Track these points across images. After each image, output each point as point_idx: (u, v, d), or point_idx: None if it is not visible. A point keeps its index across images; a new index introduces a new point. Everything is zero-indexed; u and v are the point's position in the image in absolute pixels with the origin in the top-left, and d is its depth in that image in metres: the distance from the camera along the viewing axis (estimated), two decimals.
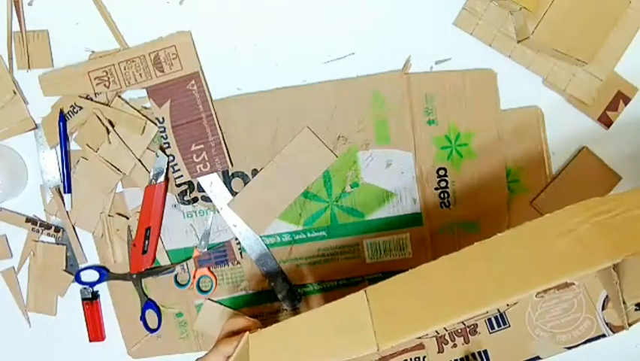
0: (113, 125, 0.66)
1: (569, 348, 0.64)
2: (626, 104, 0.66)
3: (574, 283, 0.62)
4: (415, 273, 0.45)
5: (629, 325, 0.57)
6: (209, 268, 0.69)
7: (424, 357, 0.65)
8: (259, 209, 0.67)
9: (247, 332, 0.48)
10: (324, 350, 0.45)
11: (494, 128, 0.66)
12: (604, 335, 0.63)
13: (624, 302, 0.54)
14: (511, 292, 0.41)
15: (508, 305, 0.62)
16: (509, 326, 0.65)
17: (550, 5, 0.59)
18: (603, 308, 0.62)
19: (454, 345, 0.65)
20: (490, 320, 0.64)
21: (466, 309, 0.42)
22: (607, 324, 0.62)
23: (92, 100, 0.66)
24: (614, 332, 0.62)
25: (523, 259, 0.43)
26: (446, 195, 0.68)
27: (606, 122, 0.66)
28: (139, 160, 0.67)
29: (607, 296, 0.62)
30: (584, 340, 0.64)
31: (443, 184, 0.67)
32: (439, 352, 0.65)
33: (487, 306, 0.41)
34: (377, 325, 0.44)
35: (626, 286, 0.53)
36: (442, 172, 0.67)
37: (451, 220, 0.68)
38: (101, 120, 0.66)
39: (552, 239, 0.42)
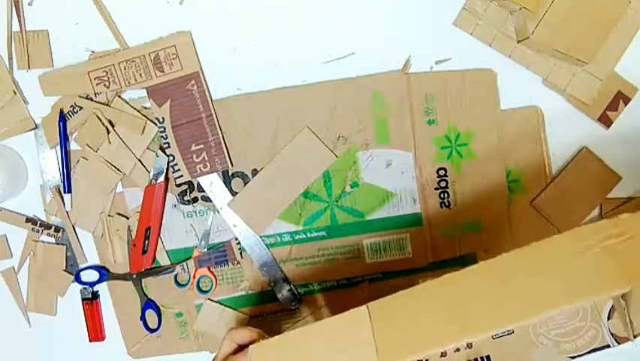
0: (113, 125, 0.66)
1: (573, 358, 0.63)
2: (626, 104, 0.66)
3: None
4: (418, 290, 0.44)
5: (635, 337, 0.56)
6: (209, 268, 0.69)
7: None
8: (259, 209, 0.67)
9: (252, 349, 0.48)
10: None
11: (494, 128, 0.66)
12: (608, 346, 0.62)
13: (631, 322, 0.53)
14: (515, 317, 0.40)
15: None
16: (513, 332, 0.64)
17: (550, 5, 0.59)
18: (609, 318, 0.62)
19: (457, 349, 0.65)
20: None
21: (470, 332, 0.41)
22: (612, 335, 0.62)
23: (92, 100, 0.66)
24: (618, 343, 0.61)
25: (528, 282, 0.42)
26: (446, 195, 0.68)
27: (606, 122, 0.66)
28: (139, 160, 0.67)
29: (613, 306, 0.61)
30: (588, 350, 0.63)
31: (443, 184, 0.67)
32: (441, 356, 0.65)
33: (490, 330, 0.40)
34: (379, 343, 0.43)
35: (634, 310, 0.52)
36: (442, 172, 0.67)
37: (451, 220, 0.68)
38: (101, 120, 0.66)
39: (559, 262, 0.41)
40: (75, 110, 0.66)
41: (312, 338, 0.46)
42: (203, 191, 0.68)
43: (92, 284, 0.70)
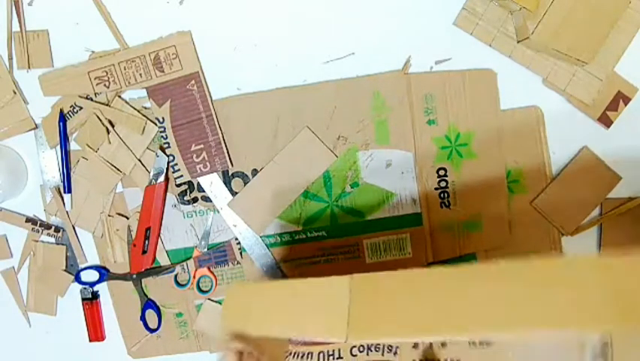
0: (113, 125, 0.66)
1: None
2: (626, 104, 0.66)
3: None
4: (406, 275, 0.43)
5: None
6: (209, 268, 0.69)
7: (397, 348, 0.63)
8: (259, 209, 0.67)
9: None
10: (294, 323, 0.44)
11: (494, 128, 0.66)
12: None
13: None
14: (498, 327, 0.38)
15: None
16: (489, 345, 0.61)
17: (550, 5, 0.59)
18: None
19: (430, 345, 0.63)
20: None
21: (448, 331, 0.39)
22: None
23: (92, 100, 0.66)
24: None
25: (521, 297, 0.39)
26: (446, 195, 0.68)
27: (606, 122, 0.66)
28: (139, 160, 0.67)
29: (599, 348, 0.59)
30: None
31: (443, 184, 0.67)
32: (413, 347, 0.63)
33: (468, 335, 0.39)
34: (353, 316, 0.42)
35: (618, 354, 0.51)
36: (442, 172, 0.67)
37: (451, 220, 0.68)
38: (101, 120, 0.66)
39: (558, 287, 0.39)
40: (75, 110, 0.66)
41: (289, 293, 0.46)
42: (203, 191, 0.68)
43: (92, 284, 0.70)
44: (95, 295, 0.71)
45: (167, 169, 0.67)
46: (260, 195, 0.67)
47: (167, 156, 0.66)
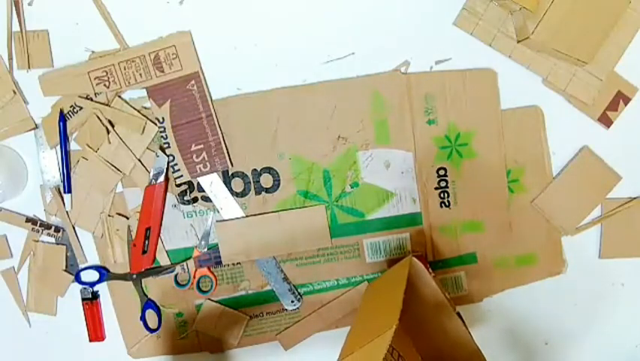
0: (113, 125, 0.66)
1: None
2: (626, 104, 0.66)
3: None
4: None
5: None
6: (209, 268, 0.69)
7: None
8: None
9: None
10: None
11: (494, 128, 0.67)
12: None
13: None
14: None
15: None
16: None
17: (550, 5, 0.59)
18: None
19: None
20: None
21: None
22: None
23: (92, 100, 0.66)
24: None
25: None
26: (446, 195, 0.68)
27: (606, 122, 0.66)
28: (139, 160, 0.67)
29: None
30: None
31: (443, 184, 0.67)
32: None
33: None
34: None
35: None
36: (442, 172, 0.67)
37: (451, 220, 0.68)
38: (101, 120, 0.66)
39: None
40: (75, 110, 0.66)
41: None
42: (203, 191, 0.68)
43: (92, 284, 0.70)
44: (95, 295, 0.71)
45: (167, 169, 0.67)
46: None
47: (167, 156, 0.66)
